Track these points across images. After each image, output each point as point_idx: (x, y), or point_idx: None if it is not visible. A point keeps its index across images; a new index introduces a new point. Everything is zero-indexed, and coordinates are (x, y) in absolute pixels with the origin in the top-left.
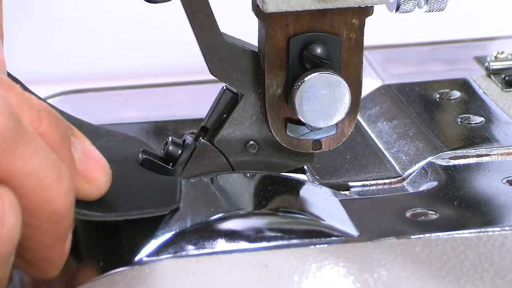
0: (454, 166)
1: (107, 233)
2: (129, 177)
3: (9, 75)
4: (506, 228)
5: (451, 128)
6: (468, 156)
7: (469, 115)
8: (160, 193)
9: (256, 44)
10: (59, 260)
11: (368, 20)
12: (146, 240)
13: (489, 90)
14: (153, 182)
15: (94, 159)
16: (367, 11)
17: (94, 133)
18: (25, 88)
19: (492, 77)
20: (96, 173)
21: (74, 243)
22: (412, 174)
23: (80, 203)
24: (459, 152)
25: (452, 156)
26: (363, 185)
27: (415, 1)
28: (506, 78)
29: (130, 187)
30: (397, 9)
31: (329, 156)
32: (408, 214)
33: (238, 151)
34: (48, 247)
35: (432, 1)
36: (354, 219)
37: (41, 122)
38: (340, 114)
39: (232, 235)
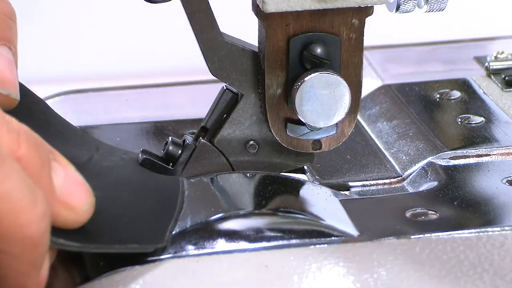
0: (454, 166)
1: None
2: (121, 205)
3: (32, 94)
4: (506, 228)
5: (451, 128)
6: (468, 156)
7: (469, 115)
8: (150, 226)
9: (256, 44)
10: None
11: (368, 20)
12: None
13: (489, 90)
14: (146, 212)
15: (77, 186)
16: (367, 11)
17: (108, 154)
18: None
19: (492, 77)
20: (77, 201)
21: None
22: (412, 174)
23: (58, 231)
24: (459, 152)
25: (452, 156)
26: (363, 185)
27: (415, 1)
28: (506, 78)
29: (119, 216)
30: (397, 9)
31: (329, 156)
32: (408, 214)
33: (238, 151)
34: (22, 275)
35: (432, 1)
36: (354, 219)
37: (19, 146)
38: (340, 114)
39: (232, 235)
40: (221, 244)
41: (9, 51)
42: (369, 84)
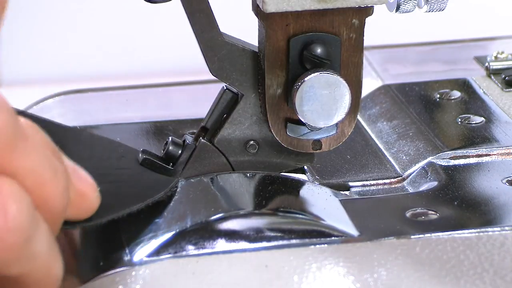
0: (454, 166)
1: (108, 233)
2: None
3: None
4: (506, 228)
5: (451, 128)
6: (468, 156)
7: (469, 115)
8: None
9: (256, 44)
10: (60, 271)
11: (368, 20)
12: (146, 240)
13: (489, 90)
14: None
15: (84, 176)
16: (367, 11)
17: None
18: None
19: (492, 77)
20: (88, 188)
21: (75, 243)
22: (412, 174)
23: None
24: (459, 152)
25: (452, 156)
26: (363, 185)
27: (415, 1)
28: (506, 78)
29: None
30: (397, 9)
31: (329, 156)
32: (408, 214)
33: (238, 151)
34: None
35: (432, 1)
36: (354, 219)
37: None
38: (340, 114)
39: (232, 235)
40: (221, 244)
41: None
42: (369, 84)
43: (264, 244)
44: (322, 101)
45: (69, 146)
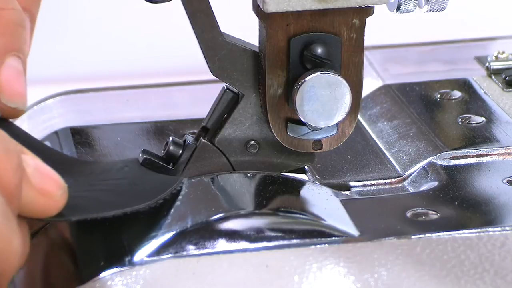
0: (455, 166)
1: (108, 233)
2: (102, 188)
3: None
4: (507, 228)
5: (452, 128)
6: (469, 156)
7: (469, 115)
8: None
9: (257, 44)
10: (19, 246)
11: (368, 20)
12: (146, 240)
13: (489, 90)
14: (119, 197)
15: (47, 173)
16: (367, 11)
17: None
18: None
19: (493, 77)
20: (51, 186)
21: (75, 243)
22: (413, 174)
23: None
24: (460, 152)
25: (452, 156)
26: (364, 185)
27: (415, 1)
28: (507, 78)
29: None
30: (398, 9)
31: (330, 156)
32: (408, 214)
33: (238, 151)
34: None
35: (433, 1)
36: (355, 219)
37: None
38: (340, 114)
39: (232, 235)
40: (221, 244)
41: (19, 60)
42: (370, 84)
43: (265, 244)
44: (323, 101)
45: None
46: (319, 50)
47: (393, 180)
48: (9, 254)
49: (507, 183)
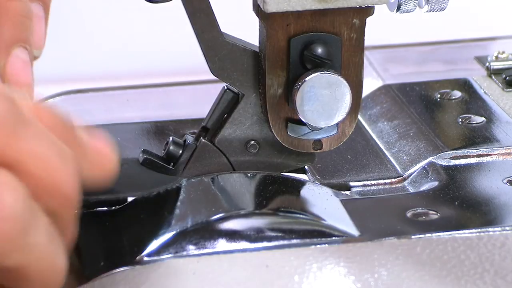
0: (455, 166)
1: (108, 233)
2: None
3: None
4: (507, 228)
5: (452, 128)
6: (469, 156)
7: (470, 115)
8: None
9: (257, 44)
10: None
11: (369, 20)
12: (146, 240)
13: (490, 90)
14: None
15: (102, 141)
16: (368, 11)
17: None
18: None
19: (493, 77)
20: (105, 145)
21: (75, 243)
22: (413, 174)
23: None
24: (460, 152)
25: (453, 156)
26: (364, 185)
27: (416, 1)
28: (507, 78)
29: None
30: (398, 9)
31: (330, 156)
32: (408, 214)
33: (239, 151)
34: (64, 233)
35: (433, 1)
36: (355, 219)
37: (41, 113)
38: (341, 114)
39: (233, 235)
40: (221, 244)
41: (25, 51)
42: (370, 84)
43: (265, 244)
44: (323, 101)
45: None
46: (319, 50)
47: (393, 180)
48: (54, 272)
49: (507, 183)
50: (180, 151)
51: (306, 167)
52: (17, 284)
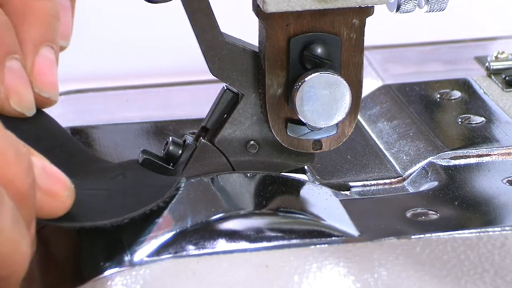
0: (455, 166)
1: (108, 233)
2: (105, 190)
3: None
4: (507, 228)
5: (452, 128)
6: (469, 156)
7: (469, 115)
8: (114, 209)
9: (257, 44)
10: (28, 248)
11: (368, 20)
12: (146, 240)
13: (489, 90)
14: (123, 201)
15: (54, 174)
16: (367, 11)
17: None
18: None
19: (493, 77)
20: (57, 187)
21: (75, 243)
22: (413, 174)
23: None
24: (460, 152)
25: (452, 156)
26: (364, 185)
27: (415, 1)
28: (507, 78)
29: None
30: (398, 9)
31: (330, 156)
32: (408, 214)
33: (238, 151)
34: (16, 232)
35: (433, 1)
36: (355, 219)
37: None
38: (340, 114)
39: (232, 235)
40: (221, 244)
41: (52, 51)
42: (370, 84)
43: (265, 244)
44: (323, 101)
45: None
46: (319, 50)
47: (393, 180)
48: (18, 257)
49: (507, 183)
50: (180, 151)
51: (305, 167)
52: None
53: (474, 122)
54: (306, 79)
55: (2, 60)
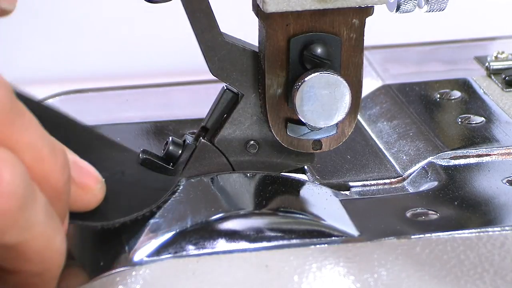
0: (455, 166)
1: (108, 233)
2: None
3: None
4: (507, 228)
5: (452, 128)
6: (469, 156)
7: (469, 115)
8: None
9: (257, 44)
10: (62, 244)
11: (368, 20)
12: (146, 240)
13: (489, 90)
14: (124, 201)
15: (85, 168)
16: (367, 11)
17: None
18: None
19: (493, 77)
20: (90, 180)
21: (75, 243)
22: (413, 174)
23: (80, 215)
24: (460, 152)
25: (452, 156)
26: (364, 185)
27: (415, 1)
28: (507, 78)
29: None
30: (398, 9)
31: (330, 156)
32: (408, 214)
33: (238, 151)
34: (51, 226)
35: (433, 1)
36: (354, 219)
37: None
38: (340, 114)
39: (232, 235)
40: (221, 244)
41: None
42: (370, 84)
43: (265, 244)
44: (323, 101)
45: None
46: (319, 50)
47: (392, 180)
48: (52, 252)
49: (507, 183)
50: (180, 151)
51: (305, 167)
52: (16, 264)
53: (474, 122)
54: (306, 79)
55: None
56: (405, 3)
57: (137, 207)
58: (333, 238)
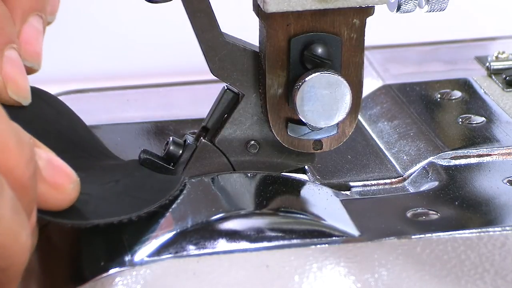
0: (455, 166)
1: (108, 233)
2: (111, 192)
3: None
4: (507, 228)
5: (452, 128)
6: (469, 156)
7: (470, 115)
8: (118, 209)
9: (257, 44)
10: (28, 239)
11: (369, 20)
12: (146, 240)
13: (490, 90)
14: (128, 201)
15: (59, 167)
16: (368, 11)
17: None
18: None
19: (493, 77)
20: (62, 180)
21: (75, 243)
22: (413, 174)
23: (51, 212)
24: (460, 152)
25: (453, 156)
26: (364, 185)
27: (416, 1)
28: (507, 78)
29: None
30: (398, 9)
31: (330, 156)
32: (409, 214)
33: (239, 151)
34: (15, 221)
35: (433, 1)
36: (355, 219)
37: None
38: (341, 114)
39: (233, 235)
40: (222, 244)
41: (40, 20)
42: (370, 84)
43: (265, 244)
44: (323, 101)
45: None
46: (320, 50)
47: (393, 180)
48: (17, 247)
49: (507, 183)
50: (180, 151)
51: (306, 167)
52: None
53: (475, 122)
54: (306, 79)
55: (1, 50)
56: (406, 3)
57: (121, 213)
58: (334, 238)
